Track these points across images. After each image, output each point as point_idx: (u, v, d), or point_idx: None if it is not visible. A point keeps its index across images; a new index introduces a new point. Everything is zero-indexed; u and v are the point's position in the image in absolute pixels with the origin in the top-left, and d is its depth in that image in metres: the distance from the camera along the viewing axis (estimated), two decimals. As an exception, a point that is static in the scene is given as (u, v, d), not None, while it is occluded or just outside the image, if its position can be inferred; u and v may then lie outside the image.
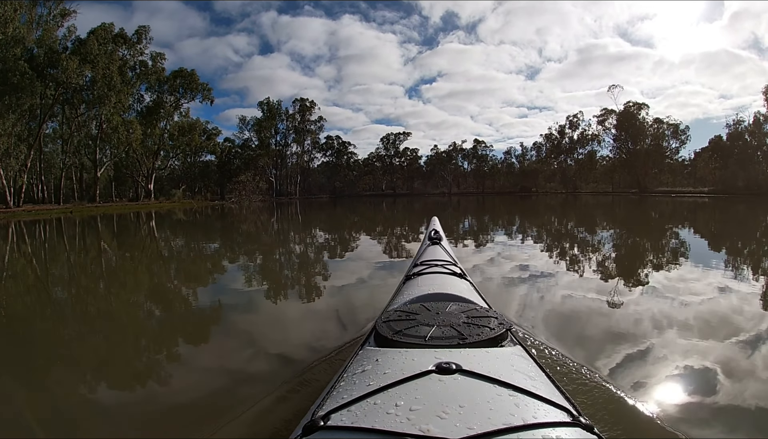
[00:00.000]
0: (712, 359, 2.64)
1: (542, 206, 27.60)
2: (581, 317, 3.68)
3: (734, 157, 48.08)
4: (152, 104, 43.21)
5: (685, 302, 4.01)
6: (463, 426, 0.79)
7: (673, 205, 25.20)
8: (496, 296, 4.31)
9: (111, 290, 5.70)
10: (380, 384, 0.96)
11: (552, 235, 11.09)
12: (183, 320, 4.17)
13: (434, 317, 1.40)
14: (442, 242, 3.11)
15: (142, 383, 2.65)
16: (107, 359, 3.12)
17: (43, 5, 32.50)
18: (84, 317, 4.40)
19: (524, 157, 68.75)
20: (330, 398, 0.98)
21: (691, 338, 3.05)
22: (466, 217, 19.23)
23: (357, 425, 0.83)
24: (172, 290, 5.69)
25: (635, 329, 3.25)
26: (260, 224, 17.65)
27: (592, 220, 16.18)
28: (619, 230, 12.27)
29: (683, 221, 15.12)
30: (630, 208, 23.49)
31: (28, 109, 31.05)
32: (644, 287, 4.74)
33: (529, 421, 0.82)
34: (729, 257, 6.99)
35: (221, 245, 10.53)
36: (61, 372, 2.95)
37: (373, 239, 11.20)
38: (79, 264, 7.99)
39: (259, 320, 4.01)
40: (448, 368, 0.99)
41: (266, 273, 6.54)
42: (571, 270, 5.96)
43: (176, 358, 3.12)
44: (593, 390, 2.13)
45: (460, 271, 2.32)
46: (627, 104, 55.92)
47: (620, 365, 2.58)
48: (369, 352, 1.22)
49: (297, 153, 64.81)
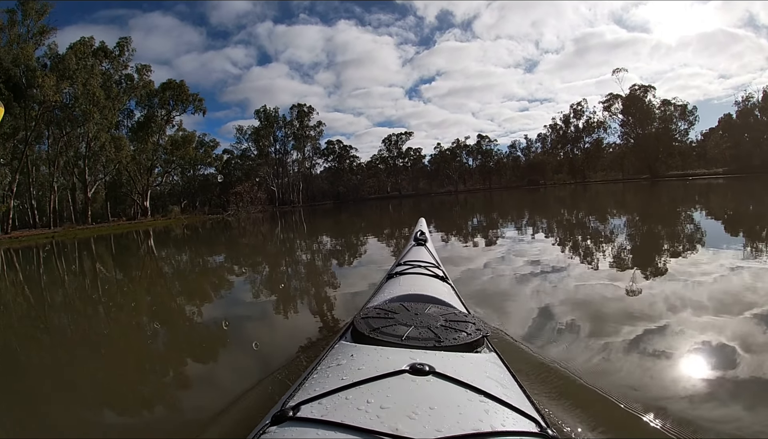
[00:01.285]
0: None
1: (551, 199, 26.65)
2: (602, 316, 3.24)
3: (748, 134, 46.98)
4: (143, 119, 42.42)
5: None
6: (432, 428, 0.80)
7: (700, 189, 24.17)
8: (503, 292, 4.26)
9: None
10: (353, 380, 0.97)
11: (564, 228, 10.18)
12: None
13: (412, 318, 1.41)
14: (427, 244, 3.04)
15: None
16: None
17: (22, 24, 31.75)
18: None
19: (530, 150, 67.69)
20: (302, 389, 0.99)
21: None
22: (474, 215, 18.41)
23: (326, 419, 0.83)
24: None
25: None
26: (257, 239, 16.73)
27: (625, 210, 15.15)
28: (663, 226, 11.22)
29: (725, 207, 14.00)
30: (651, 196, 22.39)
31: (11, 131, 30.13)
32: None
33: (498, 428, 0.83)
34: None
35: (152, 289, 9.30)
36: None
37: (380, 241, 10.83)
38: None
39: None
40: (422, 369, 0.99)
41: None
42: (586, 264, 5.56)
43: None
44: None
45: (442, 274, 2.33)
46: (632, 88, 54.81)
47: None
48: (344, 347, 1.22)
49: (298, 160, 63.78)
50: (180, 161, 49.30)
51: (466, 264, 6.00)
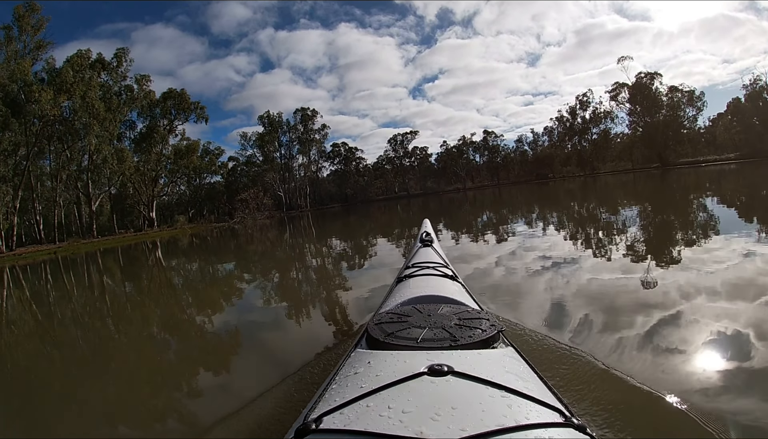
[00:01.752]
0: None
1: (561, 192, 26.46)
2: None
3: (758, 118, 46.35)
4: (145, 130, 42.69)
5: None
6: (456, 428, 0.79)
7: (711, 176, 23.86)
8: (518, 288, 4.22)
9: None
10: (372, 387, 0.97)
11: (577, 220, 10.04)
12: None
13: (426, 319, 1.40)
14: (434, 244, 3.04)
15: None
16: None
17: (19, 39, 31.97)
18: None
19: (536, 144, 67.30)
20: (322, 400, 0.99)
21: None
22: (484, 211, 18.34)
23: (349, 428, 0.83)
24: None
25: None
26: (261, 246, 16.75)
27: (665, 204, 14.98)
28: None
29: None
30: (663, 184, 22.16)
31: (12, 147, 30.27)
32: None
33: (522, 422, 0.82)
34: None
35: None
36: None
37: (390, 242, 10.74)
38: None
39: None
40: (440, 370, 0.99)
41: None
42: (599, 257, 5.49)
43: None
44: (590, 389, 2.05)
45: (451, 273, 2.31)
46: (638, 75, 54.27)
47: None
48: (361, 354, 1.22)
49: (304, 164, 63.63)
50: (185, 170, 49.54)
51: (477, 262, 5.97)
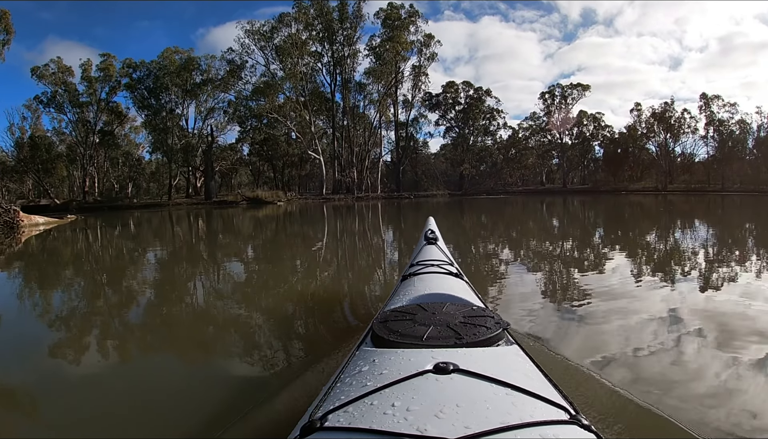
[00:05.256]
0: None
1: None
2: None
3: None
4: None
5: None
6: (461, 425, 0.80)
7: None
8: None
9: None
10: (377, 384, 0.98)
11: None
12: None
13: (431, 317, 1.42)
14: (438, 242, 3.05)
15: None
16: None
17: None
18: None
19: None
20: (327, 398, 1.00)
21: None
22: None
23: (354, 426, 0.85)
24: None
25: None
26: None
27: None
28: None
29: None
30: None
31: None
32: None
33: (527, 420, 0.83)
34: None
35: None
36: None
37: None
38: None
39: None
40: (445, 368, 1.01)
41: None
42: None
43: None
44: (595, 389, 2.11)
45: (456, 271, 2.36)
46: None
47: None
48: (366, 352, 1.24)
49: (380, 102, 39.67)
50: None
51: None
